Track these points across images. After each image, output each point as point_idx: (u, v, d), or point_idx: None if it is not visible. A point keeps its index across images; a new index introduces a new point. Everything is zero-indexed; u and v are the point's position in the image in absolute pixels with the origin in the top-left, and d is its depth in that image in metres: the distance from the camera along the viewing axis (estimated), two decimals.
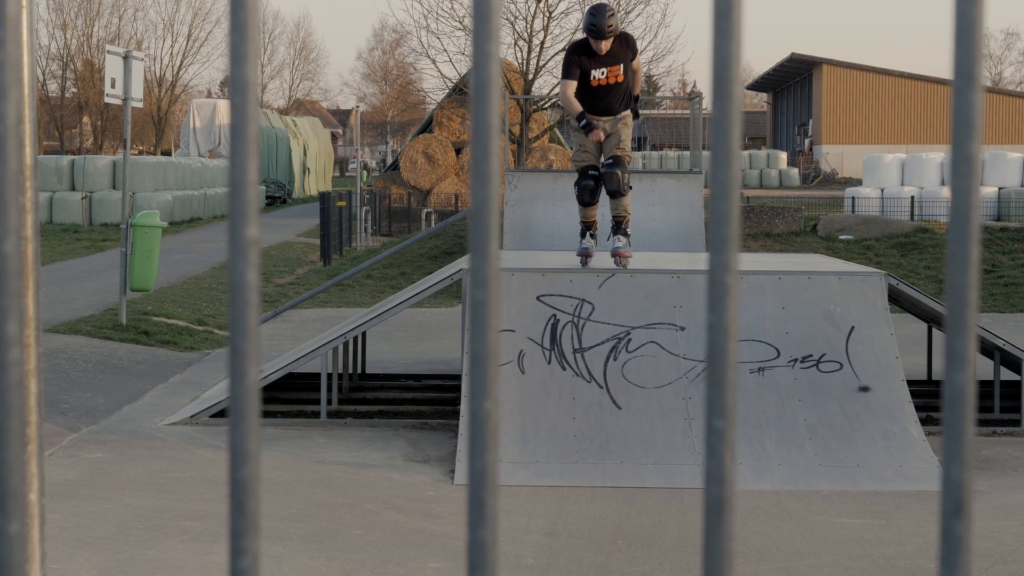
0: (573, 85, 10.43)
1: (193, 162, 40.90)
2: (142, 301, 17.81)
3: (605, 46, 10.28)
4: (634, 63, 10.63)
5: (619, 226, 10.71)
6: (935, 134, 70.01)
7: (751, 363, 9.81)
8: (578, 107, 10.39)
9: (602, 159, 10.57)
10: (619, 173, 10.40)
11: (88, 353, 13.74)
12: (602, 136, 10.39)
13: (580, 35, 24.85)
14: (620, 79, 10.44)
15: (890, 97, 72.92)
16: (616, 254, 10.57)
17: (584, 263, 10.65)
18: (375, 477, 9.04)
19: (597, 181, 10.54)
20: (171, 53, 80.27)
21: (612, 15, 10.26)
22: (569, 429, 9.41)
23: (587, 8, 10.50)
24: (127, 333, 15.12)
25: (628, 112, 10.63)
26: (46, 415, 10.53)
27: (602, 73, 10.37)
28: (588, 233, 10.87)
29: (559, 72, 40.41)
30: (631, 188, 10.73)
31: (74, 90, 78.46)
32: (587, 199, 10.62)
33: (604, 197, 10.84)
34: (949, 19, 1.20)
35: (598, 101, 10.48)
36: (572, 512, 8.05)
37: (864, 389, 9.69)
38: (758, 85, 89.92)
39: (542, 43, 36.21)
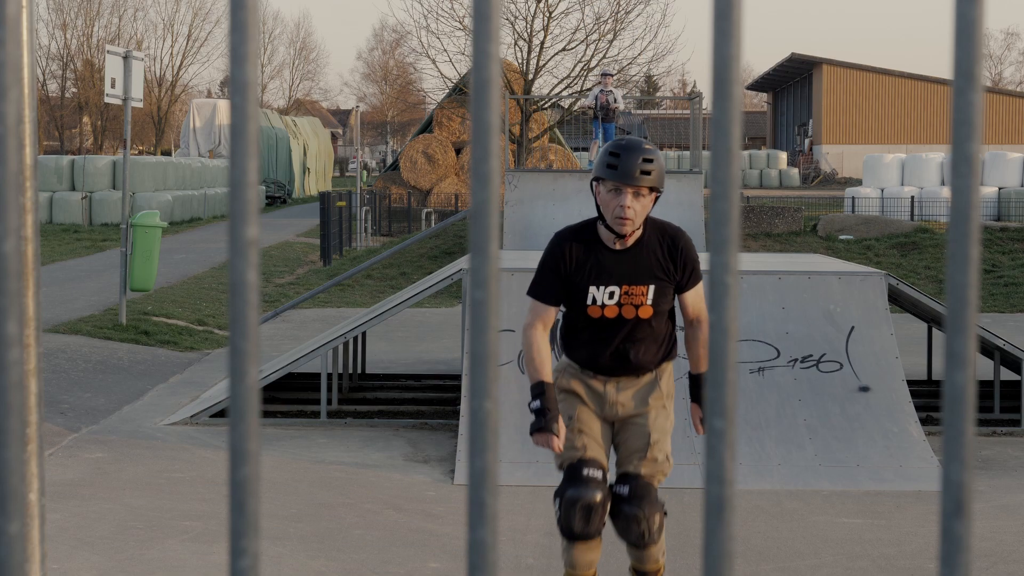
0: (544, 317, 5.32)
1: (193, 162, 40.92)
2: (142, 301, 17.81)
3: (630, 219, 5.22)
4: (692, 298, 5.40)
5: None
6: (935, 134, 70.02)
7: (751, 363, 9.81)
8: (540, 370, 5.23)
9: (616, 466, 5.52)
10: (644, 515, 5.37)
11: (88, 353, 13.74)
12: (558, 443, 5.23)
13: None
14: (647, 313, 5.35)
15: (890, 97, 72.92)
16: None
17: None
18: (375, 477, 9.04)
19: (604, 495, 5.37)
20: (171, 53, 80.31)
21: (653, 157, 5.22)
22: None
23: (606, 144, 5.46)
24: (127, 333, 15.12)
25: (668, 368, 5.54)
26: (46, 415, 10.53)
27: (610, 295, 5.32)
28: None
29: (559, 72, 40.28)
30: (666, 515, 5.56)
31: (74, 90, 78.49)
32: (579, 528, 5.36)
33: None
34: (949, 19, 1.20)
35: (602, 344, 5.39)
36: None
37: (864, 389, 9.69)
38: (758, 85, 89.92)
39: (542, 43, 36.23)
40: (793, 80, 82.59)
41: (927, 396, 11.52)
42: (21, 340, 1.19)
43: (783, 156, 68.98)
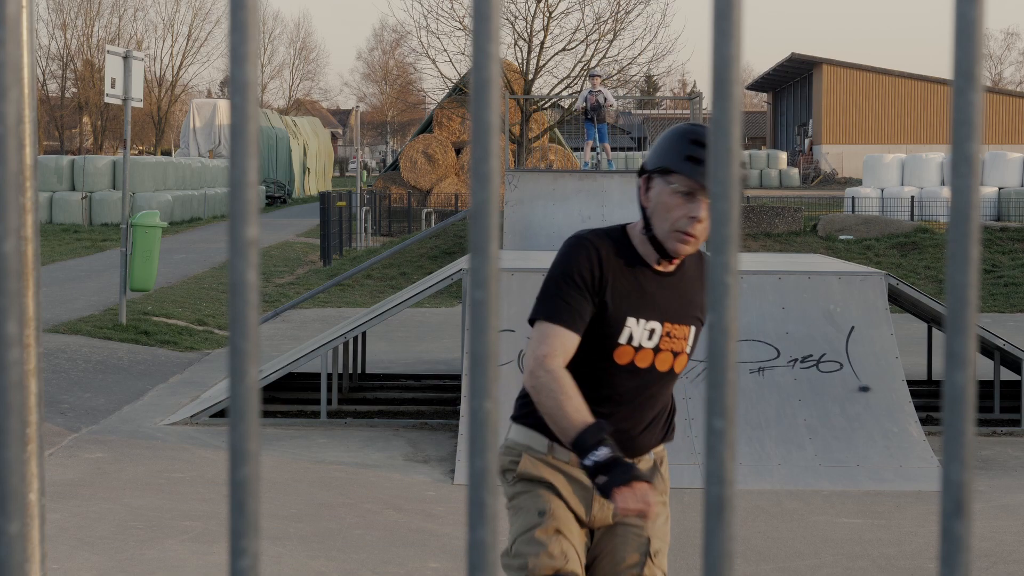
0: (567, 346, 3.67)
1: (193, 162, 40.91)
2: (142, 301, 17.81)
3: (696, 237, 3.61)
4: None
5: None
6: (935, 134, 70.01)
7: (751, 363, 9.81)
8: (583, 409, 3.49)
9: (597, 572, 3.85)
10: None
11: (88, 353, 13.74)
12: (653, 506, 3.33)
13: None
14: (682, 366, 3.81)
15: (890, 97, 72.92)
16: None
17: None
18: (375, 477, 9.04)
19: None
20: (171, 53, 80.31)
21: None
22: None
23: (677, 127, 3.63)
24: (127, 333, 15.12)
25: (665, 453, 3.97)
26: (46, 415, 10.53)
27: (650, 335, 3.72)
28: None
29: (559, 72, 40.40)
30: None
31: (74, 90, 78.49)
32: None
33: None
34: (949, 19, 1.20)
35: (611, 406, 3.72)
36: None
37: (864, 389, 9.69)
38: (758, 85, 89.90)
39: (542, 43, 36.23)
40: (793, 80, 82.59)
41: (927, 396, 11.52)
42: (21, 340, 1.19)
43: (783, 156, 68.96)
